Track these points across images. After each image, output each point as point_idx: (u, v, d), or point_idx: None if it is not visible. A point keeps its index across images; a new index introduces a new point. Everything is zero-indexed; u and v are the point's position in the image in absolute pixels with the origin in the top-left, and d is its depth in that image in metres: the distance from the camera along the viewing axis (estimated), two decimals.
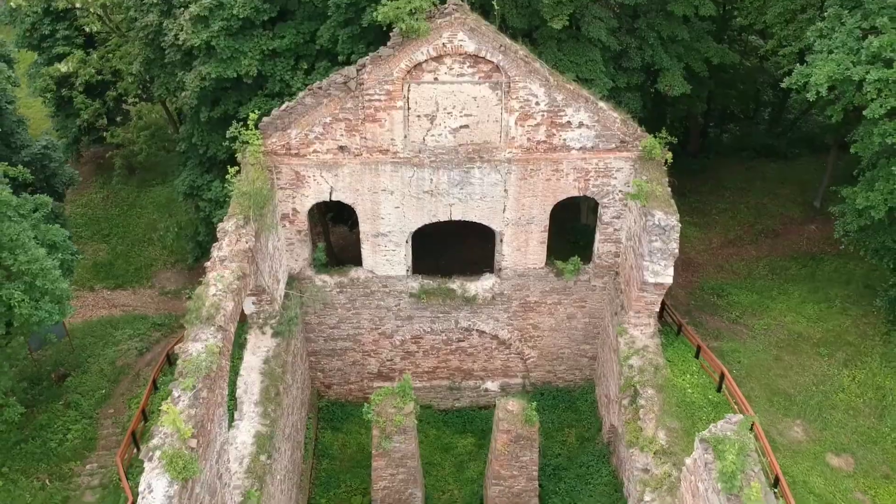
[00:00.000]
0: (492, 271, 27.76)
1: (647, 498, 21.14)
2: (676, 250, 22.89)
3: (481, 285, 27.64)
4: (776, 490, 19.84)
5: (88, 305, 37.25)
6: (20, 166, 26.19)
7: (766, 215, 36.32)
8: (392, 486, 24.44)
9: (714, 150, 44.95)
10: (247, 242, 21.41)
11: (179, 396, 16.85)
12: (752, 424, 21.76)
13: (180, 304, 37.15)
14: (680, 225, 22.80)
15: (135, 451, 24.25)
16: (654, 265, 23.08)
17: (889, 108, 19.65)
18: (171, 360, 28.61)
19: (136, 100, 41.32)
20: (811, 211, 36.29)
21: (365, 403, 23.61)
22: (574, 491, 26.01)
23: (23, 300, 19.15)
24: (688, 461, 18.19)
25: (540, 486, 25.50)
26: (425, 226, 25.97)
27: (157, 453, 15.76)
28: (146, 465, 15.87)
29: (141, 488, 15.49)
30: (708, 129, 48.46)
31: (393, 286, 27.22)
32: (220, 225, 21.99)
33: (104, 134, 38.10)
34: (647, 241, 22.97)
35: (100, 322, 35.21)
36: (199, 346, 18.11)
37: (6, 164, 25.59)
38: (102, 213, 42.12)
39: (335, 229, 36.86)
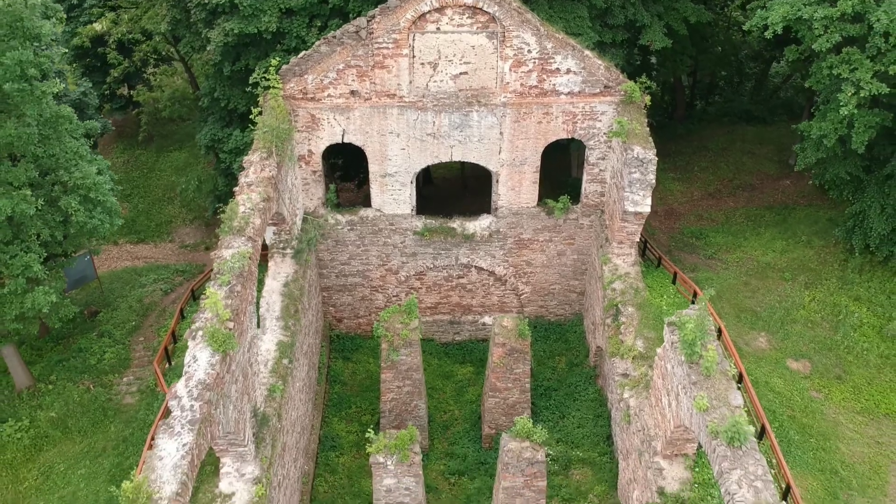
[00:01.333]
0: (489, 213, 30.32)
1: (625, 395, 23.74)
2: (653, 181, 25.42)
3: (479, 224, 30.21)
4: (740, 386, 22.37)
5: (113, 258, 39.82)
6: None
7: (744, 172, 38.83)
8: (399, 398, 26.95)
9: (699, 118, 47.53)
10: (270, 171, 23.95)
11: (217, 291, 19.40)
12: (721, 332, 24.36)
13: (199, 255, 39.83)
14: (656, 158, 25.34)
15: (167, 365, 26.79)
16: (633, 195, 25.63)
17: (834, 42, 22.18)
18: (195, 295, 31.16)
19: (156, 68, 43.91)
20: (786, 168, 38.78)
21: (375, 322, 26.19)
22: (563, 406, 28.58)
23: (78, 210, 21.72)
24: (659, 350, 20.74)
25: (532, 403, 28.04)
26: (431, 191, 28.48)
27: (200, 332, 18.29)
28: (190, 343, 18.40)
29: (186, 360, 18.03)
30: (694, 101, 51.14)
31: (399, 224, 29.77)
32: (246, 158, 24.53)
33: (132, 93, 40.53)
34: (627, 173, 25.51)
35: (125, 271, 37.78)
36: (231, 251, 20.64)
37: None
38: (124, 175, 44.61)
39: (343, 186, 39.47)
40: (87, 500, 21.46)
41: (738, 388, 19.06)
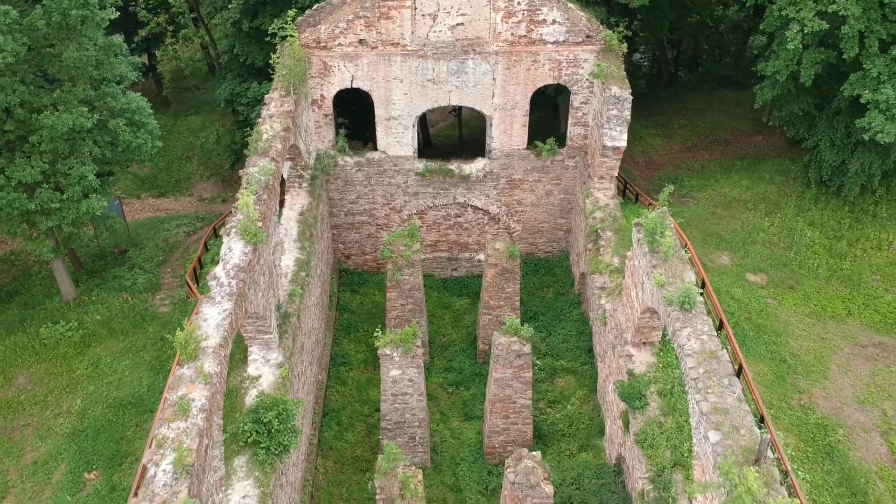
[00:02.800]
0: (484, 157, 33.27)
1: (602, 302, 26.74)
2: (629, 118, 28.33)
3: (475, 166, 33.15)
4: (702, 292, 25.30)
5: (136, 210, 42.73)
6: None
7: (720, 129, 41.71)
8: (402, 315, 29.89)
9: (681, 85, 50.49)
10: (288, 106, 26.89)
11: (246, 197, 22.32)
12: (687, 247, 27.28)
13: (217, 207, 42.77)
14: (631, 98, 28.23)
15: (196, 286, 29.72)
16: (611, 131, 28.56)
17: None
18: (216, 232, 34.05)
19: (174, 37, 46.76)
20: (759, 125, 41.61)
21: (382, 246, 29.13)
22: (549, 326, 31.54)
23: (125, 130, 24.62)
24: (628, 253, 23.72)
25: (522, 323, 30.96)
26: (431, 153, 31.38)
27: (234, 229, 21.24)
28: (225, 238, 21.32)
29: (222, 254, 20.94)
30: (678, 72, 54.13)
31: (402, 165, 32.69)
32: (267, 95, 27.47)
33: (156, 52, 43.42)
34: (605, 111, 28.43)
35: (148, 220, 40.70)
36: (256, 168, 23.61)
37: None
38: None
39: (350, 144, 42.33)
40: (132, 385, 24.42)
41: (701, 293, 21.97)
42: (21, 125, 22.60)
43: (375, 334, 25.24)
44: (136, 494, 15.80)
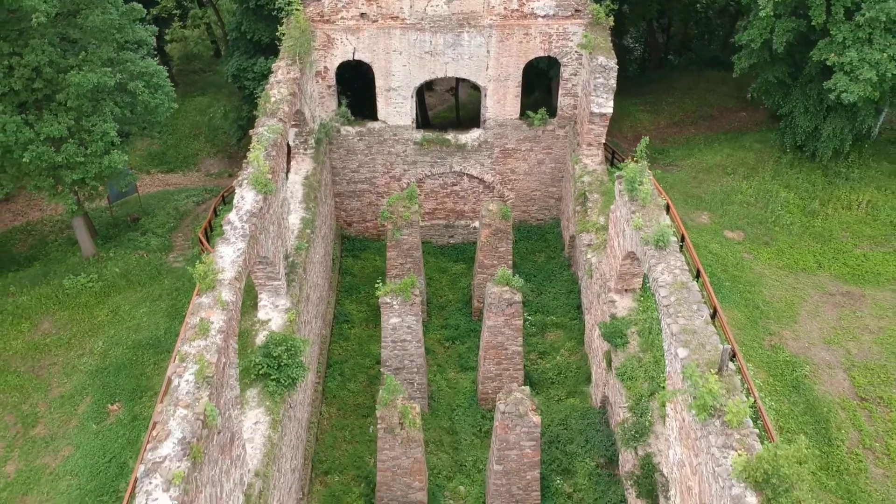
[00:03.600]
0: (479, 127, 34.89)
1: (589, 256, 28.40)
2: (614, 86, 29.92)
3: (470, 135, 34.78)
4: (682, 245, 26.94)
5: (147, 184, 44.27)
6: None
7: (706, 105, 43.31)
8: (401, 274, 31.49)
9: (670, 67, 52.11)
10: (294, 74, 28.50)
11: (257, 151, 23.95)
12: (669, 207, 28.93)
13: (224, 181, 44.30)
14: (617, 67, 29.84)
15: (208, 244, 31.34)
16: (598, 98, 30.18)
17: None
18: (225, 200, 35.65)
19: (181, 20, 48.40)
20: (744, 102, 43.18)
21: (383, 208, 30.76)
22: (541, 286, 33.17)
23: (144, 91, 26.25)
24: (611, 206, 25.36)
25: None
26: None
27: (246, 180, 22.89)
28: (237, 189, 22.95)
29: (235, 202, 22.56)
30: (668, 55, 55.77)
31: (401, 135, 34.31)
32: (275, 64, 29.07)
33: (166, 33, 44.96)
34: (592, 79, 30.05)
35: (158, 192, 42.31)
36: (265, 127, 25.23)
37: None
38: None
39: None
40: (150, 329, 26.06)
41: (680, 247, 23.54)
42: (49, 84, 24.22)
43: (376, 285, 26.89)
44: (162, 402, 17.41)
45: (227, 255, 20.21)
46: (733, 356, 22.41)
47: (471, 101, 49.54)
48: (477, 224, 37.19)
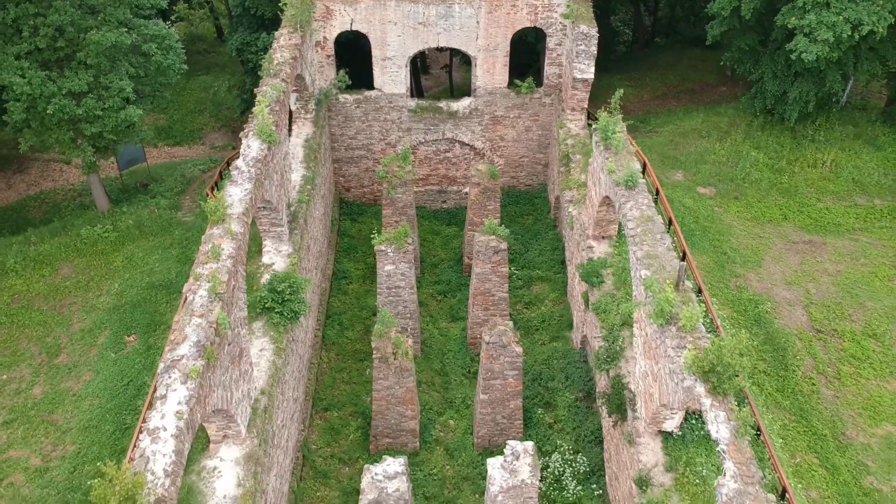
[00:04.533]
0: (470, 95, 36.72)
1: (570, 210, 30.28)
2: (595, 53, 31.74)
3: (462, 103, 36.64)
4: (656, 197, 28.83)
5: (154, 156, 46.10)
6: None
7: (688, 81, 45.14)
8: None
9: (656, 47, 53.97)
10: (296, 40, 30.35)
11: (262, 105, 25.79)
12: (645, 166, 30.81)
13: (228, 154, 46.09)
14: (598, 35, 31.68)
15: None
16: (580, 64, 32.02)
17: None
18: (230, 164, 37.42)
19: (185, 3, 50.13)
20: (724, 78, 45.07)
21: (378, 168, 32.62)
22: (528, 243, 35.06)
23: (157, 52, 28.10)
24: (590, 160, 27.24)
25: None
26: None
27: (251, 131, 24.75)
28: (244, 140, 24.80)
29: (242, 150, 24.42)
30: (655, 38, 57.63)
31: (396, 102, 36.15)
32: (277, 32, 30.93)
33: (173, 9, 46.80)
34: (575, 47, 31.88)
35: (165, 163, 44.17)
36: (269, 86, 27.07)
37: None
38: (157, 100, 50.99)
39: None
40: (162, 273, 27.91)
41: (655, 199, 25.36)
42: (70, 43, 26.03)
43: (372, 235, 28.77)
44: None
45: (236, 194, 22.09)
46: (699, 292, 24.34)
47: (465, 83, 51.36)
48: (468, 190, 39.10)
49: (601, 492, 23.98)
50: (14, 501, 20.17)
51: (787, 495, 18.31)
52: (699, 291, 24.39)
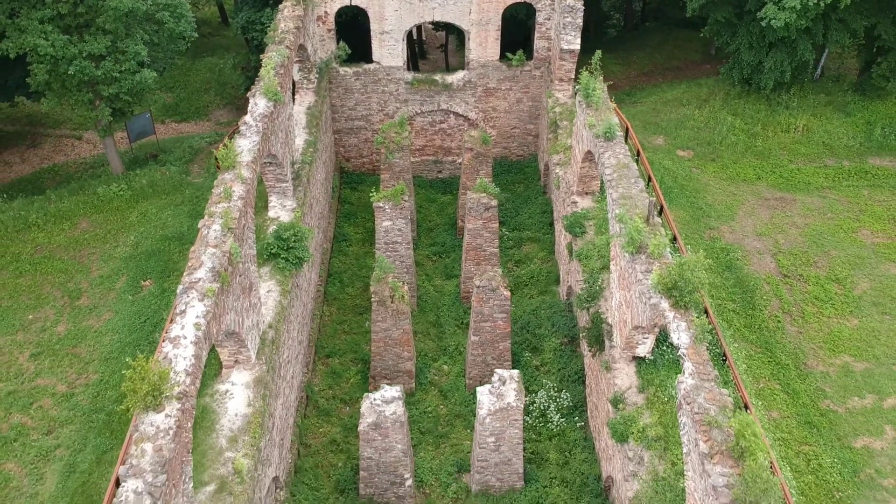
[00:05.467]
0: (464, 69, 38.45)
1: (557, 171, 32.04)
2: (581, 24, 33.43)
3: (456, 76, 38.38)
4: (637, 159, 30.59)
5: (161, 132, 47.74)
6: None
7: (674, 59, 46.92)
8: None
9: (644, 30, 55.73)
10: (298, 12, 32.09)
11: (268, 68, 27.51)
12: (628, 131, 32.57)
13: (234, 128, 47.93)
14: (584, 8, 33.40)
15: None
16: (567, 36, 33.74)
17: None
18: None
19: None
20: (708, 57, 46.87)
21: (377, 135, 34.35)
22: (518, 208, 36.81)
23: (170, 20, 29.85)
24: (574, 121, 28.97)
25: None
26: None
27: (258, 91, 26.48)
28: (251, 99, 26.53)
29: (250, 108, 26.14)
30: (645, 22, 59.38)
31: (393, 75, 37.88)
32: (280, 5, 32.65)
33: None
34: (562, 19, 33.62)
35: (173, 137, 45.90)
36: (274, 52, 28.80)
37: None
38: (167, 73, 52.69)
39: None
40: (174, 227, 29.64)
41: (636, 160, 27.08)
42: (90, 10, 27.72)
43: (371, 192, 30.51)
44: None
45: (245, 145, 23.84)
46: (674, 240, 26.11)
47: (460, 66, 53.04)
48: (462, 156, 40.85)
49: (583, 423, 25.77)
50: (43, 421, 21.97)
51: (748, 411, 20.11)
52: (674, 239, 26.19)
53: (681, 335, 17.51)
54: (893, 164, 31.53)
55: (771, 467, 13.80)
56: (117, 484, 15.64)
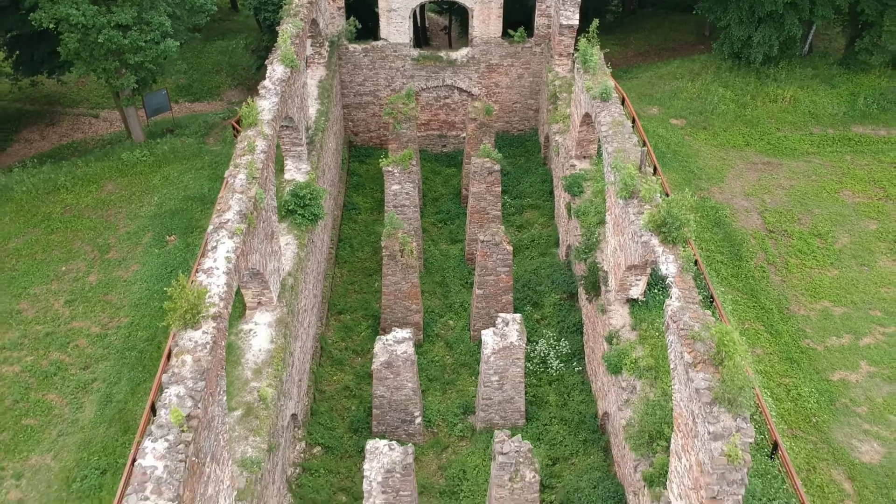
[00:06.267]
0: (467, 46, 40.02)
1: (556, 139, 33.62)
2: (580, 0, 35.10)
3: (460, 53, 39.96)
4: (633, 125, 32.17)
5: (175, 111, 49.43)
6: None
7: (670, 41, 48.45)
8: None
9: (641, 14, 57.29)
10: None
11: (285, 36, 29.09)
12: (624, 100, 34.15)
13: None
14: None
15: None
16: (566, 11, 35.30)
17: None
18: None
19: None
20: (702, 38, 48.39)
21: (385, 106, 35.92)
22: (520, 177, 38.36)
23: None
24: (573, 87, 30.54)
25: None
26: None
27: (276, 58, 28.09)
28: (269, 67, 28.13)
29: (268, 73, 27.72)
30: (643, 7, 60.94)
31: (400, 51, 39.45)
32: None
33: None
34: None
35: (187, 115, 47.52)
36: (289, 24, 30.41)
37: None
38: (179, 56, 54.28)
39: None
40: (196, 188, 31.25)
41: (632, 128, 28.58)
42: None
43: (381, 158, 32.10)
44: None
45: (265, 105, 25.45)
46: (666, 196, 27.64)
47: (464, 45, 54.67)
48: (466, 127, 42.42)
49: (580, 369, 27.41)
50: (80, 358, 23.58)
51: None
52: (666, 195, 27.73)
53: (669, 266, 19.13)
54: (875, 132, 33.15)
55: (747, 372, 15.37)
56: (153, 411, 17.29)
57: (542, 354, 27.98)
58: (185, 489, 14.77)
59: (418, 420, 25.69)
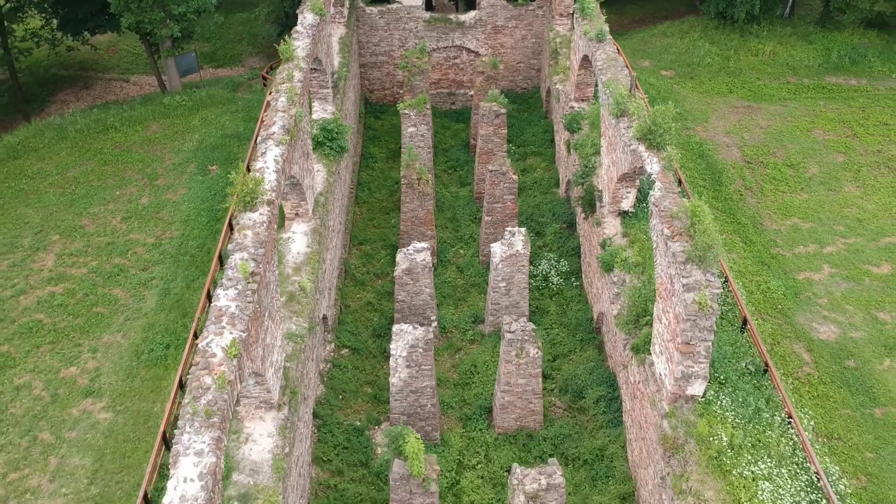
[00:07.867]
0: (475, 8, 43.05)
1: (557, 87, 36.63)
2: None
3: (468, 15, 42.96)
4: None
5: (202, 75, 52.52)
6: None
7: (662, 9, 51.33)
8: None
9: None
10: None
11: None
12: (618, 51, 37.11)
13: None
14: None
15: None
16: None
17: None
18: (273, 67, 43.74)
19: None
20: (693, 7, 51.36)
21: (400, 60, 38.89)
22: (523, 128, 41.42)
23: None
24: (573, 36, 33.52)
25: None
26: None
27: (306, 7, 31.12)
28: (300, 14, 31.13)
29: (300, 20, 30.66)
30: None
31: (413, 14, 42.43)
32: None
33: None
34: None
35: (212, 79, 50.58)
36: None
37: None
38: (200, 28, 57.30)
39: None
40: (233, 127, 34.28)
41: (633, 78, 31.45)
42: None
43: (399, 104, 35.10)
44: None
45: (299, 45, 28.47)
46: None
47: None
48: (473, 93, 45.44)
49: (578, 284, 30.49)
50: (139, 262, 26.65)
51: None
52: None
53: (653, 165, 22.17)
54: (846, 82, 36.15)
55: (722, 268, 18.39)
56: (209, 298, 20.25)
57: (544, 273, 31.04)
58: (252, 328, 17.87)
59: (434, 324, 28.76)
